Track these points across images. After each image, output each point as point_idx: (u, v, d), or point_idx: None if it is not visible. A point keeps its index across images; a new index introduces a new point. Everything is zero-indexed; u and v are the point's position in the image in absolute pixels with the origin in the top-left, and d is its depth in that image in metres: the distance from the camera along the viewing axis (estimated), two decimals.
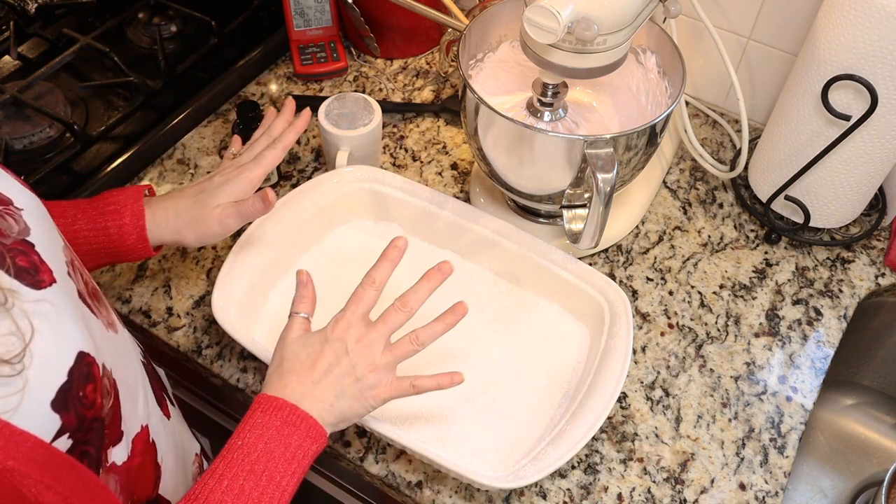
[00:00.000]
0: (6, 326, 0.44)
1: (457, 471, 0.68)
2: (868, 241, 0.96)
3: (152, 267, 0.91)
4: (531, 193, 0.86)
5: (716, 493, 0.75)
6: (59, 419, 0.47)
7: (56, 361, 0.48)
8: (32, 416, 0.45)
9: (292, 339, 0.66)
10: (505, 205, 0.95)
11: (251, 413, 0.61)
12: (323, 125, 0.92)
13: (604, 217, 0.76)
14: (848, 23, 0.78)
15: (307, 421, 0.61)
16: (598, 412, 0.71)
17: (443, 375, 0.67)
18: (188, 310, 0.87)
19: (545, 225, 0.93)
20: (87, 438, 0.50)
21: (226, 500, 0.56)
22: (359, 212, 0.91)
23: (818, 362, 0.85)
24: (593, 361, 0.78)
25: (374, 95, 1.10)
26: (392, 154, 1.03)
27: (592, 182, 0.74)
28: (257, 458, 0.58)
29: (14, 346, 0.44)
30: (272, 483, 0.58)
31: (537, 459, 0.69)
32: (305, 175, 1.00)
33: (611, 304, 0.80)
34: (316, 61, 1.12)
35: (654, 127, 0.78)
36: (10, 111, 0.98)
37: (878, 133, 0.83)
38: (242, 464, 0.58)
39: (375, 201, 0.90)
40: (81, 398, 0.49)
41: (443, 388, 0.67)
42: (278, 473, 0.59)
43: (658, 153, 1.00)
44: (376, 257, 0.72)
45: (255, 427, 0.60)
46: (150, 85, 1.04)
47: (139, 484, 0.59)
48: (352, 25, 1.13)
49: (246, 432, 0.60)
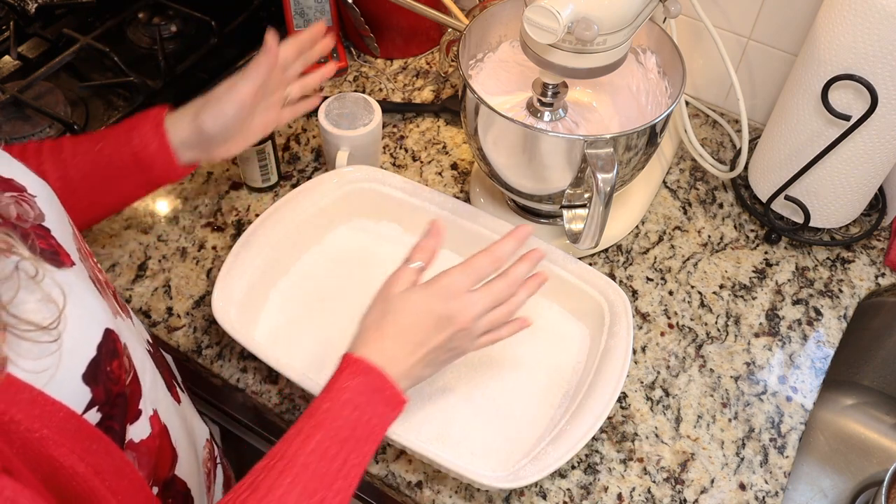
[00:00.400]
0: (40, 294, 0.46)
1: (457, 471, 0.68)
2: (868, 241, 0.96)
3: (152, 267, 0.91)
4: (531, 193, 0.86)
5: (716, 493, 0.75)
6: (90, 392, 0.48)
7: (86, 335, 0.49)
8: (65, 387, 0.47)
9: (398, 295, 0.63)
10: (505, 205, 0.95)
11: (340, 374, 0.60)
12: (323, 125, 0.92)
13: (604, 217, 0.76)
14: (848, 23, 0.78)
15: (394, 394, 0.60)
16: (598, 412, 0.71)
17: (513, 325, 0.68)
18: (188, 310, 0.87)
19: (545, 225, 0.93)
20: (113, 413, 0.51)
21: (310, 463, 0.55)
22: (359, 212, 0.91)
23: (818, 362, 0.85)
24: (593, 361, 0.78)
25: (374, 95, 1.10)
26: (392, 154, 1.03)
27: (592, 182, 0.74)
28: (342, 425, 0.57)
29: (50, 312, 0.46)
30: (355, 450, 0.58)
31: (537, 459, 0.69)
32: (305, 175, 1.00)
33: (611, 304, 0.80)
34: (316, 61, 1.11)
35: (653, 127, 0.78)
36: (10, 111, 0.98)
37: (878, 133, 0.83)
38: (329, 429, 0.57)
39: (375, 201, 0.90)
40: (109, 373, 0.51)
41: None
42: (361, 440, 0.58)
43: (658, 153, 1.00)
44: (376, 257, 0.72)
45: (342, 392, 0.59)
46: (150, 85, 1.04)
47: (157, 462, 0.60)
48: (352, 25, 1.13)
49: (333, 397, 0.59)
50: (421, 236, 0.67)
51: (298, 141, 1.04)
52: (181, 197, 0.98)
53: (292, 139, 1.05)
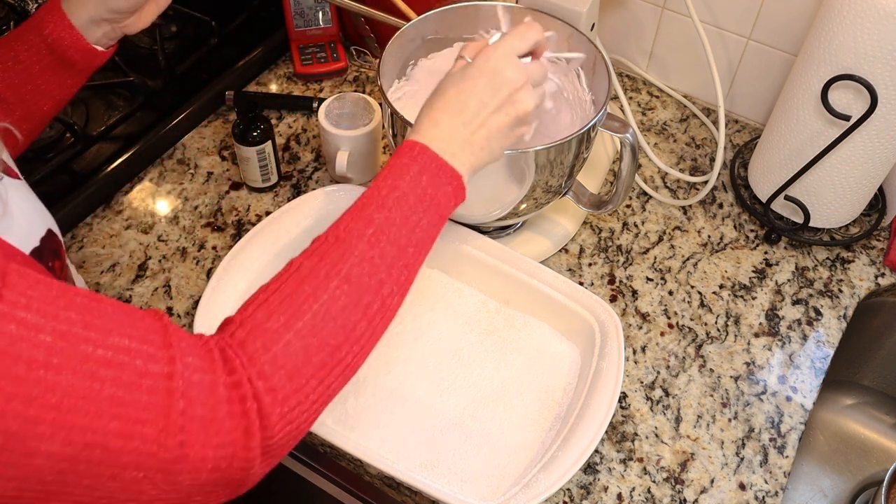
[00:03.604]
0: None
1: (446, 500, 0.68)
2: (868, 241, 0.96)
3: (152, 267, 0.91)
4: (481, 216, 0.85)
5: (716, 492, 0.76)
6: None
7: (30, 225, 0.51)
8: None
9: (449, 75, 0.62)
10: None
11: (398, 159, 0.58)
12: (323, 125, 0.92)
13: (633, 174, 0.80)
14: (848, 23, 0.78)
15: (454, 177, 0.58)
16: (590, 437, 0.70)
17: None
18: (188, 310, 0.87)
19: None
20: None
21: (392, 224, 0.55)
22: None
23: (818, 362, 0.85)
24: (584, 382, 0.76)
25: (373, 95, 1.10)
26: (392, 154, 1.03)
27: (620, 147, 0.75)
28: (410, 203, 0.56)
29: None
30: (420, 228, 0.56)
31: (528, 487, 0.68)
32: (305, 175, 1.00)
33: (601, 325, 0.79)
34: (316, 61, 1.12)
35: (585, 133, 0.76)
36: None
37: (878, 133, 0.83)
38: (394, 206, 0.56)
39: None
40: (50, 267, 0.51)
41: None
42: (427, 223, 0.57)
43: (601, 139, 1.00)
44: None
45: (404, 173, 0.57)
46: (150, 85, 1.04)
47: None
48: (352, 25, 1.13)
49: (394, 178, 0.57)
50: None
51: (298, 141, 1.05)
52: (181, 197, 0.98)
53: (292, 139, 1.05)
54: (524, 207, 0.81)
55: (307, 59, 1.12)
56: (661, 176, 1.02)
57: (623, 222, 0.97)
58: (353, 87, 1.12)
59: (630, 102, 1.12)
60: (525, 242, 0.91)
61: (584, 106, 0.86)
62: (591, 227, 0.96)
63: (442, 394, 0.78)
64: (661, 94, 1.13)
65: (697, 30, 0.93)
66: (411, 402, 0.77)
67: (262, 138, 0.92)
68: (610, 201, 0.85)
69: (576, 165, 0.80)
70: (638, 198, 1.00)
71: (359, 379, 0.79)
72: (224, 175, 1.00)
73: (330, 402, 0.52)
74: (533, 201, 0.81)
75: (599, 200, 0.87)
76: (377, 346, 0.70)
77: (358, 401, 0.77)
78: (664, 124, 1.09)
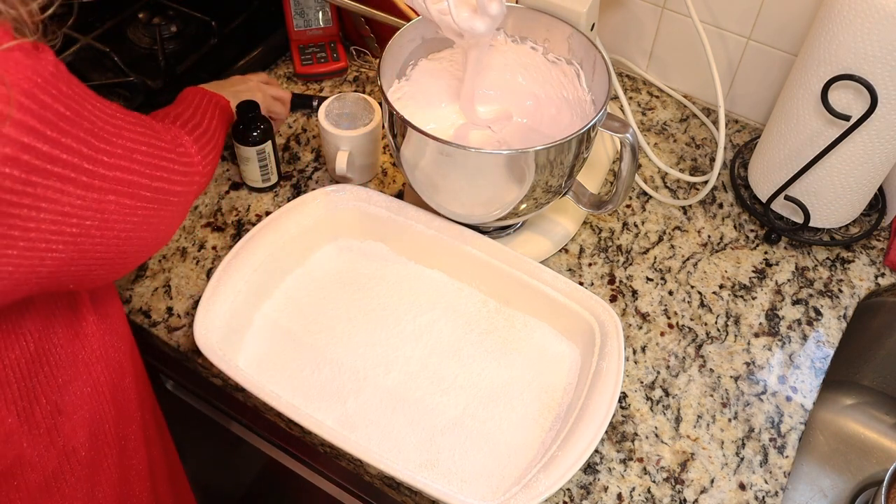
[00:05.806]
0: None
1: (446, 501, 0.67)
2: (868, 241, 0.96)
3: (152, 267, 0.91)
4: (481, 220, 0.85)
5: (716, 492, 0.76)
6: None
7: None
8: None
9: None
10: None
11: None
12: (323, 125, 0.92)
13: (632, 174, 0.80)
14: (848, 23, 0.78)
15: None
16: (590, 437, 0.70)
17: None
18: (188, 310, 0.87)
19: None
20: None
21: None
22: (344, 231, 0.89)
23: (818, 362, 0.85)
24: (584, 382, 0.76)
25: (373, 95, 1.10)
26: (392, 154, 1.03)
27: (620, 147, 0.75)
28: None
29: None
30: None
31: (529, 487, 0.68)
32: (305, 175, 1.00)
33: (601, 325, 0.79)
34: (316, 61, 1.12)
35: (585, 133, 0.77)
36: None
37: (878, 133, 0.83)
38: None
39: (361, 220, 0.88)
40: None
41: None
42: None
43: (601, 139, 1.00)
44: (362, 277, 0.71)
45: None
46: (150, 85, 1.04)
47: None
48: (352, 25, 1.13)
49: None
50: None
51: (298, 141, 1.05)
52: None
53: (292, 139, 1.05)
54: (524, 207, 0.81)
55: (307, 59, 1.12)
56: (661, 176, 1.03)
57: (623, 222, 0.97)
58: (353, 87, 1.12)
59: (630, 102, 1.12)
60: (525, 242, 0.91)
61: (584, 106, 0.86)
62: (591, 227, 0.96)
63: (442, 394, 0.78)
64: (661, 94, 1.13)
65: (697, 30, 0.93)
66: (411, 402, 0.77)
67: (262, 138, 0.92)
68: (610, 201, 0.85)
69: (576, 165, 0.80)
70: (638, 198, 1.00)
71: (359, 379, 0.79)
72: (224, 175, 1.00)
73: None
74: (533, 201, 0.81)
75: (599, 200, 0.87)
76: (377, 346, 0.70)
77: (358, 401, 0.77)
78: (664, 124, 1.09)
